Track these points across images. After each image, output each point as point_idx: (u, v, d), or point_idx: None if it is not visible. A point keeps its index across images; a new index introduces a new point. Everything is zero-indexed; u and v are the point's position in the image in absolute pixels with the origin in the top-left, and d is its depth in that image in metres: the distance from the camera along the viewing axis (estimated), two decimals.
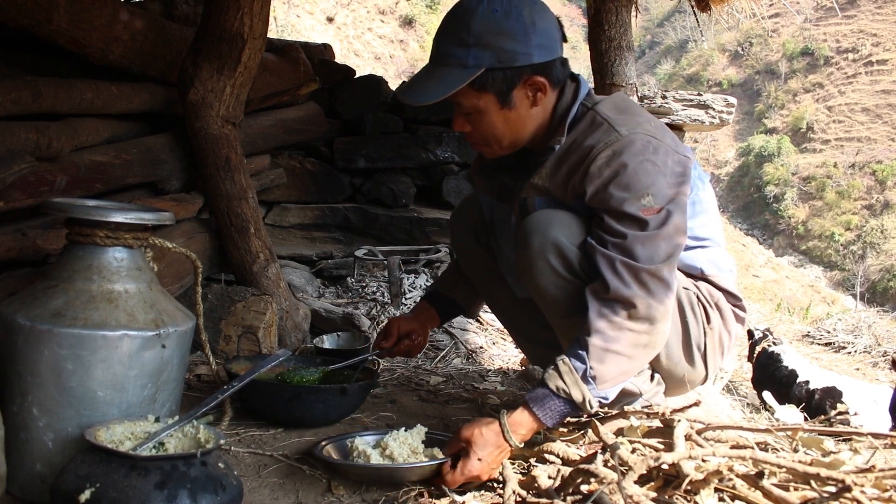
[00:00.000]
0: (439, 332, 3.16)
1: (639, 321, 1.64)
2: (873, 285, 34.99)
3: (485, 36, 1.66)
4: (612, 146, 1.69)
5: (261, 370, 1.76)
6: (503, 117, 1.76)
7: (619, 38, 3.75)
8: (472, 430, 1.62)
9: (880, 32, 48.76)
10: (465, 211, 2.17)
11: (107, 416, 1.49)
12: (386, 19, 38.06)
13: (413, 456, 1.69)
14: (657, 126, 1.78)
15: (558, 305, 1.78)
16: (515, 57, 1.68)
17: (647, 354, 1.71)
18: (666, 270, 1.67)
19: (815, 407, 2.53)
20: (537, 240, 1.74)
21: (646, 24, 59.66)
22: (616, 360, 1.63)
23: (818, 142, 45.74)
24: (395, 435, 1.73)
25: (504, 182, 1.98)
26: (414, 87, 1.77)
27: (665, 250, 1.66)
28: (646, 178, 1.65)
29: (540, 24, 1.69)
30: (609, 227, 1.67)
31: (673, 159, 1.72)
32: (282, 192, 4.12)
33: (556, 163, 1.77)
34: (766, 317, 5.66)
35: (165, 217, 1.64)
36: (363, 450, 1.69)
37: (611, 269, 1.64)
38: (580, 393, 1.61)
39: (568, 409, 1.63)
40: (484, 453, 1.59)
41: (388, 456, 1.67)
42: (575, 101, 1.79)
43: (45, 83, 2.16)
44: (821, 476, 1.25)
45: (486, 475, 1.62)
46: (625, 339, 1.63)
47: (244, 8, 2.65)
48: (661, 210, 1.65)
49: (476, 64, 1.68)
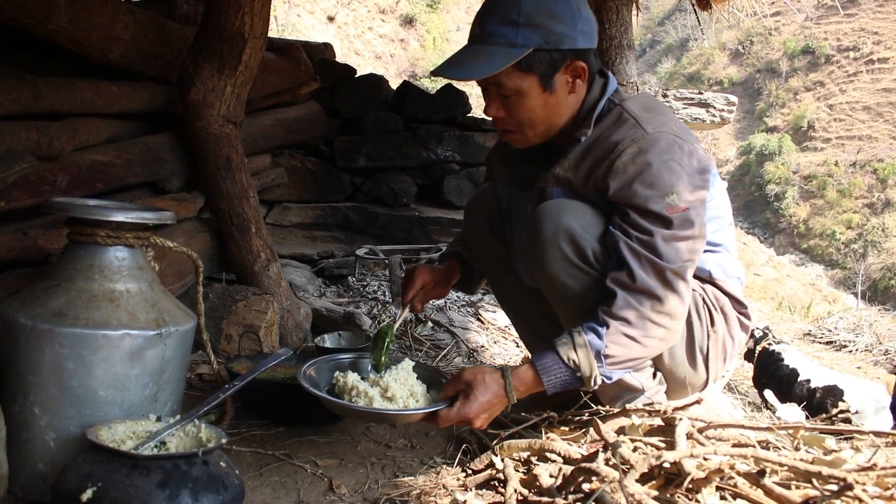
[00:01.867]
0: (441, 331, 3.16)
1: (662, 315, 1.68)
2: (874, 284, 34.97)
3: (535, 16, 1.68)
4: (638, 143, 1.70)
5: (262, 369, 1.77)
6: (543, 101, 1.77)
7: (620, 36, 3.74)
8: (476, 375, 1.65)
9: (881, 31, 48.73)
10: (480, 200, 2.18)
11: (108, 416, 1.49)
12: (386, 18, 38.05)
13: (412, 398, 1.72)
14: (682, 127, 1.80)
15: (566, 293, 1.78)
16: (562, 39, 1.70)
17: (659, 347, 1.75)
18: (689, 270, 1.71)
19: (817, 405, 2.53)
20: (550, 226, 1.75)
21: (646, 23, 59.63)
22: (632, 346, 1.67)
23: (819, 140, 45.73)
24: (393, 374, 1.76)
25: (526, 172, 1.98)
26: (458, 64, 1.75)
27: (687, 250, 1.69)
28: (670, 177, 1.67)
29: (584, 11, 1.73)
30: (634, 223, 1.68)
31: (696, 161, 1.74)
32: (283, 191, 4.12)
33: (581, 155, 1.78)
34: (768, 315, 5.66)
35: (166, 216, 1.64)
36: (363, 389, 1.71)
37: (637, 262, 1.66)
38: (589, 368, 1.64)
39: (572, 381, 1.67)
40: (484, 398, 1.62)
41: (389, 398, 1.69)
42: (603, 95, 1.82)
43: (45, 83, 2.16)
44: (822, 474, 1.25)
45: (479, 422, 1.64)
46: (646, 328, 1.67)
47: (244, 7, 2.64)
48: (685, 210, 1.68)
49: (524, 44, 1.69)
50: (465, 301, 3.63)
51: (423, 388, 1.78)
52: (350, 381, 1.74)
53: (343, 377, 1.76)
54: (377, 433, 2.01)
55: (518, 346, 3.11)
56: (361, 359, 1.93)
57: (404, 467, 1.79)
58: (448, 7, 38.31)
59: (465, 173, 4.60)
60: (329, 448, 1.88)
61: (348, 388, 1.73)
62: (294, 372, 2.19)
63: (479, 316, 3.43)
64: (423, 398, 1.75)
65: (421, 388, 1.77)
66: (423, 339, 3.02)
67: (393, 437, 1.98)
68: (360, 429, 2.02)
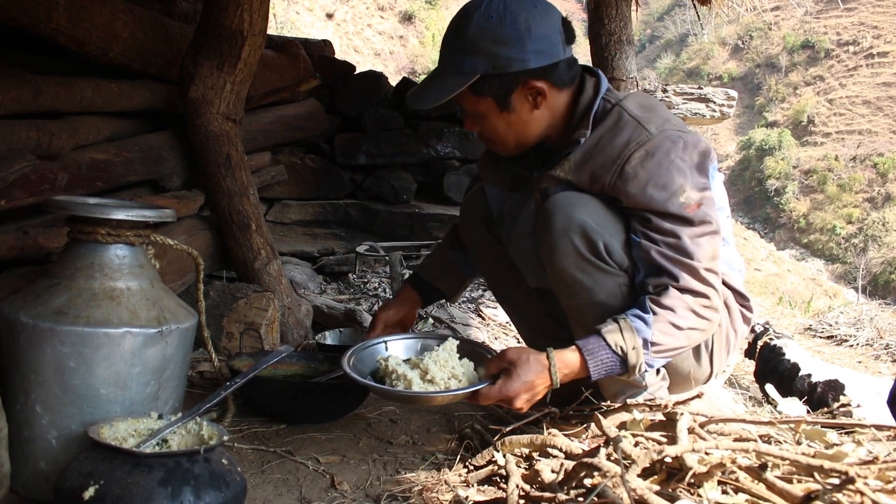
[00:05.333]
0: (441, 328, 3.16)
1: (706, 309, 1.71)
2: (875, 278, 34.94)
3: (479, 43, 1.69)
4: (645, 146, 1.71)
5: (263, 367, 1.77)
6: (504, 120, 1.79)
7: (620, 32, 3.74)
8: (520, 354, 1.65)
9: (881, 25, 48.64)
10: (472, 202, 2.19)
11: (110, 414, 1.49)
12: (385, 15, 38.00)
13: (453, 379, 1.71)
14: (678, 123, 1.81)
15: (577, 287, 1.78)
16: (510, 63, 1.70)
17: (700, 339, 1.78)
18: (717, 264, 1.74)
19: (818, 400, 2.53)
20: (561, 221, 1.74)
21: (646, 18, 59.53)
22: (677, 335, 1.70)
23: (819, 135, 45.66)
24: (433, 356, 1.75)
25: (517, 173, 1.98)
26: (419, 91, 1.81)
27: (711, 245, 1.72)
28: (679, 177, 1.69)
29: (536, 29, 1.69)
30: (658, 227, 1.70)
31: (698, 153, 1.75)
32: (283, 188, 4.12)
33: (583, 157, 1.78)
34: (768, 310, 5.66)
35: (167, 214, 1.64)
36: (403, 373, 1.71)
37: (674, 266, 1.69)
38: (636, 355, 1.66)
39: (617, 367, 1.68)
40: (527, 378, 1.62)
41: (430, 380, 1.69)
42: (597, 95, 1.81)
43: (45, 82, 2.16)
44: (824, 468, 1.25)
45: (521, 403, 1.64)
46: (690, 320, 1.70)
47: (244, 5, 2.64)
48: (699, 205, 1.70)
49: (472, 70, 1.72)
50: (465, 297, 3.63)
51: (470, 367, 1.77)
52: (391, 364, 1.75)
53: (385, 361, 1.78)
54: (379, 430, 2.01)
55: (519, 342, 3.11)
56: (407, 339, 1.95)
57: (406, 463, 1.79)
58: (447, 4, 38.24)
59: (466, 170, 4.59)
60: (331, 445, 1.88)
61: (389, 371, 1.74)
62: (295, 369, 2.20)
63: (480, 312, 3.43)
64: (464, 378, 1.73)
65: (462, 369, 1.75)
66: None
67: (394, 433, 1.98)
68: (361, 425, 2.02)
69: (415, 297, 2.21)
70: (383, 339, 1.92)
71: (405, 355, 1.86)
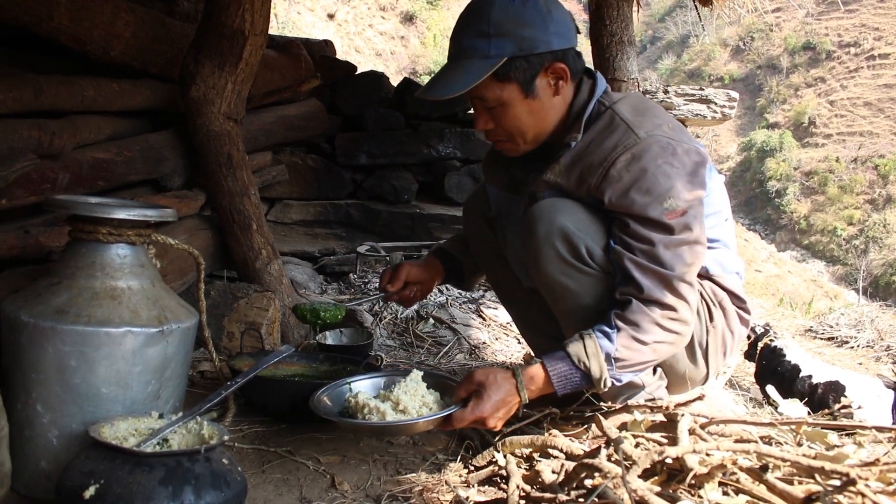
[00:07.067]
0: (442, 328, 3.16)
1: (672, 321, 1.70)
2: (876, 280, 34.93)
3: (504, 25, 1.69)
4: (632, 150, 1.69)
5: (264, 366, 1.77)
6: (527, 107, 1.77)
7: (621, 33, 3.74)
8: (487, 375, 1.65)
9: (882, 26, 48.63)
10: (475, 200, 2.20)
11: (111, 413, 1.49)
12: (387, 15, 38.03)
13: (424, 407, 1.72)
14: (675, 127, 1.79)
15: (564, 292, 1.78)
16: (536, 44, 1.70)
17: (669, 352, 1.77)
18: (692, 274, 1.72)
19: (819, 401, 2.52)
20: (543, 226, 1.75)
21: (647, 19, 59.52)
22: (642, 350, 1.69)
23: (820, 136, 45.65)
24: (402, 387, 1.76)
25: (515, 174, 1.99)
26: (437, 83, 1.78)
27: (689, 254, 1.70)
28: (665, 182, 1.67)
29: (555, 12, 1.73)
30: (635, 233, 1.68)
31: (690, 160, 1.73)
32: (284, 188, 4.12)
33: (572, 161, 1.77)
34: (769, 312, 5.66)
35: (168, 214, 1.64)
36: (375, 406, 1.70)
37: (643, 275, 1.67)
38: (599, 370, 1.65)
39: (582, 382, 1.68)
40: (497, 397, 1.63)
41: (402, 410, 1.69)
42: (591, 98, 1.81)
43: (46, 81, 2.16)
44: (825, 469, 1.25)
45: (493, 422, 1.64)
46: (656, 334, 1.68)
47: (245, 4, 2.64)
48: (683, 213, 1.68)
49: (498, 54, 1.70)
50: (466, 298, 3.62)
51: (436, 396, 1.78)
52: (361, 399, 1.74)
53: (354, 397, 1.76)
54: None
55: (520, 342, 3.11)
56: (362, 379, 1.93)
57: (406, 464, 1.79)
58: (448, 4, 38.27)
59: (467, 170, 4.59)
60: (331, 445, 1.88)
61: (360, 406, 1.73)
62: (296, 369, 2.19)
63: (480, 312, 3.43)
64: (435, 405, 1.74)
65: (432, 397, 1.77)
66: (424, 336, 3.02)
67: None
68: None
69: (438, 267, 2.23)
70: (346, 381, 1.90)
71: (372, 393, 1.85)
